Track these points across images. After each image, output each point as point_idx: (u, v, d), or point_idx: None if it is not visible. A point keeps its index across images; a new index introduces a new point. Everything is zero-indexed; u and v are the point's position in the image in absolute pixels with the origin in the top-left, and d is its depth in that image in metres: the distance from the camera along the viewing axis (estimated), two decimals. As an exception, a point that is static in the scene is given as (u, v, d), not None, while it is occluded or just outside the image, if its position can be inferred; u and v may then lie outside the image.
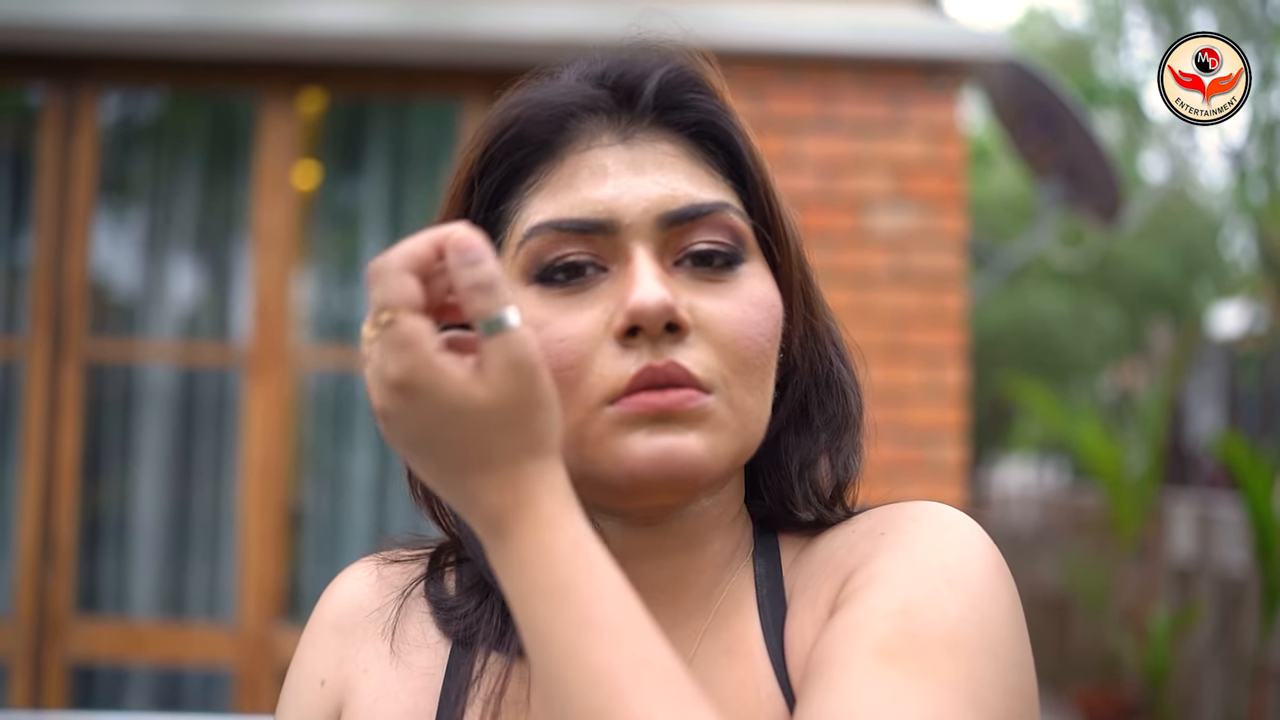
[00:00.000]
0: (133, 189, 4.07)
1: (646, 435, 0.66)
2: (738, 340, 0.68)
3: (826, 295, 0.97)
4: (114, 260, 4.06)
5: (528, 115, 0.71)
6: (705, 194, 0.70)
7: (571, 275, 0.69)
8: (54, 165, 3.77)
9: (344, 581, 0.82)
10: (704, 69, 0.74)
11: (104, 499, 3.84)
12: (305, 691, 0.78)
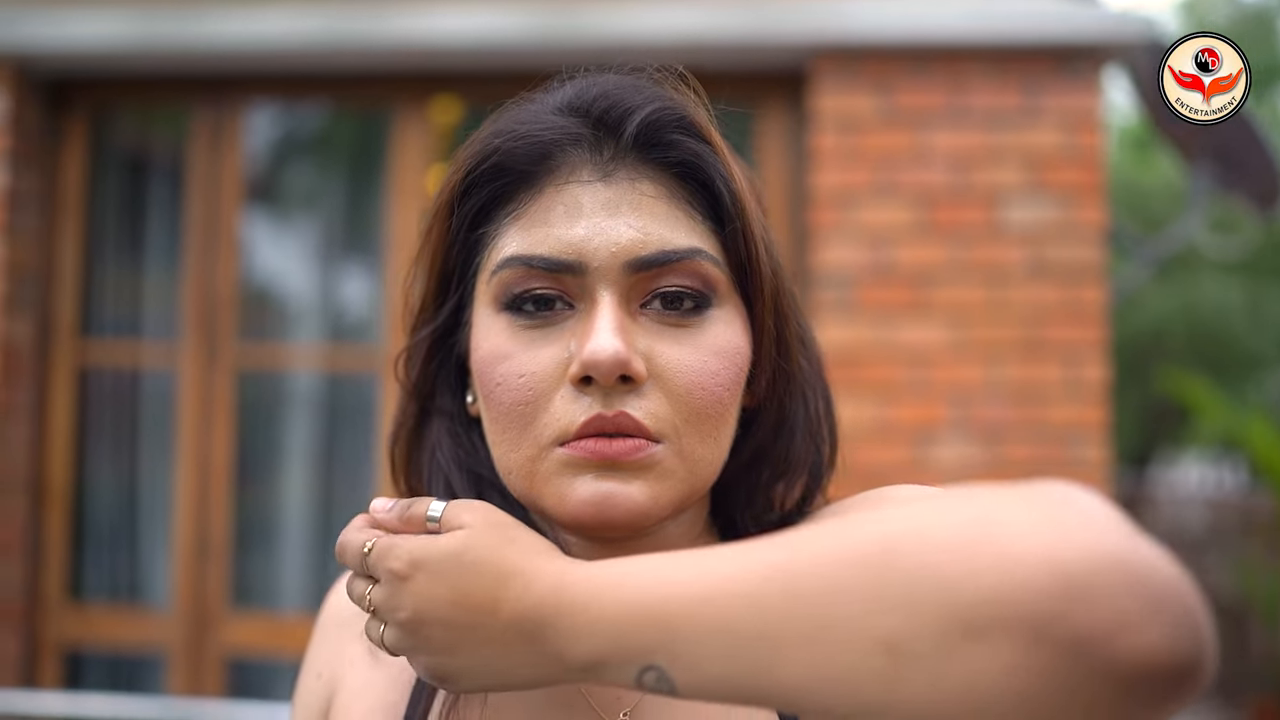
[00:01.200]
0: (278, 200, 4.36)
1: (591, 480, 0.68)
2: (693, 392, 0.70)
3: (959, 292, 1.04)
4: (262, 269, 4.35)
5: (508, 147, 0.72)
6: (679, 239, 0.71)
7: (539, 307, 0.71)
8: (204, 178, 4.08)
9: (342, 582, 0.85)
10: (692, 106, 0.74)
11: (255, 499, 4.13)
12: (308, 684, 0.84)
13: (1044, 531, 0.50)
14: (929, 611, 0.50)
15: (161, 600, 4.11)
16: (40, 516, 4.11)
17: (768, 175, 3.77)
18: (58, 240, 4.15)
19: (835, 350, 3.39)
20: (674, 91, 0.74)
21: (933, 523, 0.53)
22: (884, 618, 0.51)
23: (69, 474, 4.16)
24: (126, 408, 4.26)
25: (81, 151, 4.18)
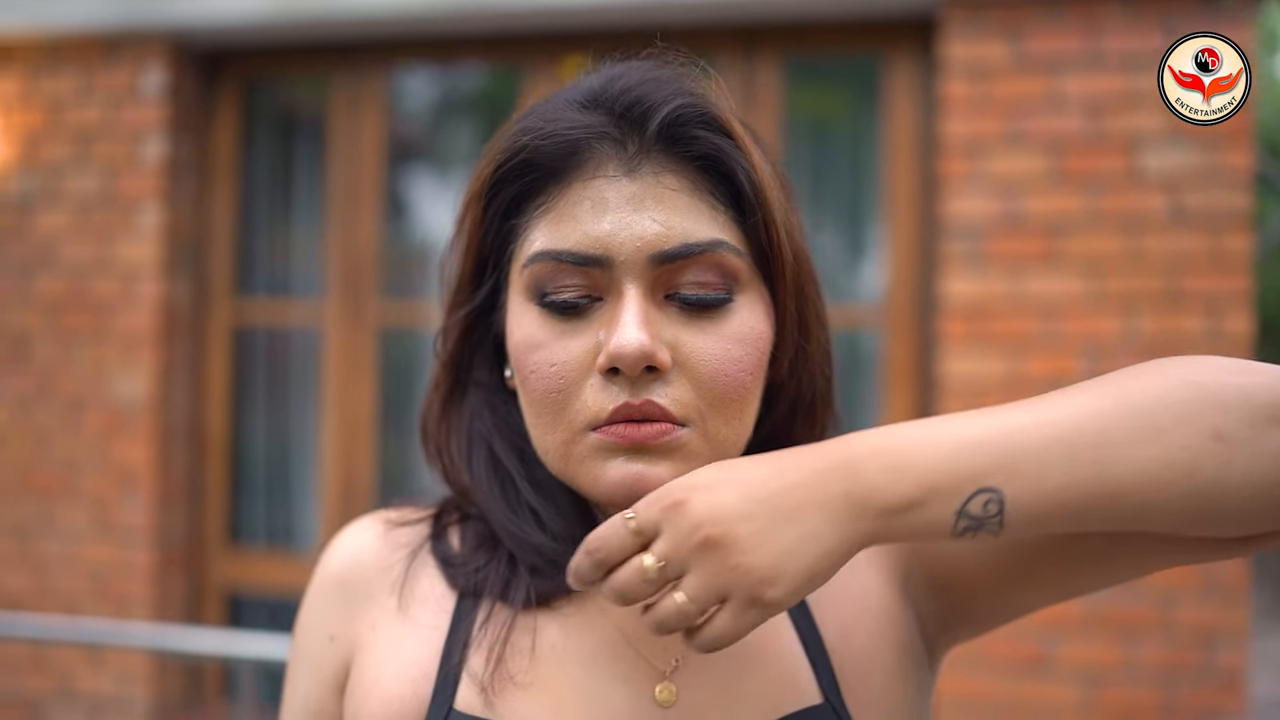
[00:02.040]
0: (417, 160, 4.58)
1: (622, 462, 0.74)
2: (716, 378, 0.74)
3: (1094, 242, 1.07)
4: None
5: (535, 144, 0.76)
6: (701, 231, 0.74)
7: (572, 297, 0.76)
8: (346, 141, 4.32)
9: (348, 539, 0.90)
10: (714, 100, 0.78)
11: (397, 450, 4.39)
12: (314, 647, 0.86)
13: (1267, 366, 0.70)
14: (1240, 409, 0.66)
15: (311, 545, 4.42)
16: (201, 466, 4.45)
17: (896, 125, 3.81)
18: (213, 206, 4.45)
19: (964, 303, 3.43)
20: (695, 85, 0.78)
21: (1199, 365, 0.70)
22: (1209, 416, 0.66)
23: (226, 426, 4.49)
24: (278, 363, 4.57)
25: (233, 120, 4.46)
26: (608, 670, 0.79)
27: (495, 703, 0.77)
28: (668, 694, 0.78)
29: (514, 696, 0.77)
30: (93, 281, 4.30)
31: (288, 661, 0.89)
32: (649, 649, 0.80)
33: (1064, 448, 0.66)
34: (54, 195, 4.34)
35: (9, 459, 4.38)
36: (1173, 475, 0.66)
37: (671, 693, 0.78)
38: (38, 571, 4.34)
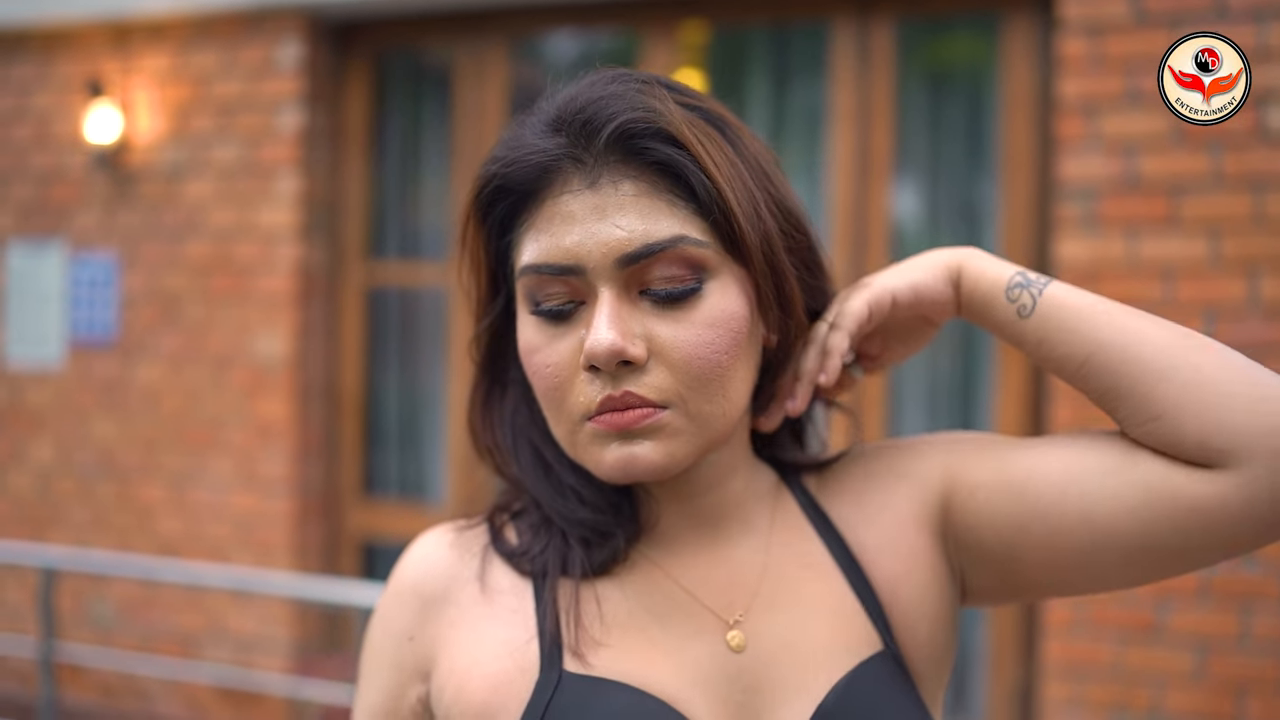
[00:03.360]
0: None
1: (616, 446, 0.82)
2: (691, 362, 0.81)
3: (1216, 203, 1.11)
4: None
5: (505, 172, 0.84)
6: (661, 230, 0.80)
7: (558, 303, 0.83)
8: (470, 108, 4.46)
9: (418, 551, 0.96)
10: (659, 108, 0.82)
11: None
12: (393, 647, 0.92)
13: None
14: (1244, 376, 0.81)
15: (438, 497, 4.60)
16: (337, 421, 4.67)
17: (1013, 84, 3.75)
18: (346, 172, 4.63)
19: (1078, 265, 3.39)
20: (642, 97, 0.82)
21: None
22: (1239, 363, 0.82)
23: (360, 383, 4.69)
24: (409, 322, 4.74)
25: (364, 90, 4.63)
26: (681, 626, 0.86)
27: (592, 665, 0.84)
28: (739, 640, 0.85)
29: (604, 656, 0.84)
30: (236, 246, 4.54)
31: (361, 666, 0.95)
32: (714, 602, 0.87)
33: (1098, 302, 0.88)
34: (200, 165, 4.57)
35: (164, 414, 4.67)
36: (1162, 351, 0.83)
37: (742, 640, 0.85)
38: (190, 518, 4.62)
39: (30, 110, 4.89)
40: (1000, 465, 0.89)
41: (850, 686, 0.83)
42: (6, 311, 4.98)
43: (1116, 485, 0.83)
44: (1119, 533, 0.83)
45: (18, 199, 4.94)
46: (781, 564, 0.90)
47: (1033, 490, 0.86)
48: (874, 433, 3.95)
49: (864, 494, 0.93)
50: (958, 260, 0.91)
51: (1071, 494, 0.84)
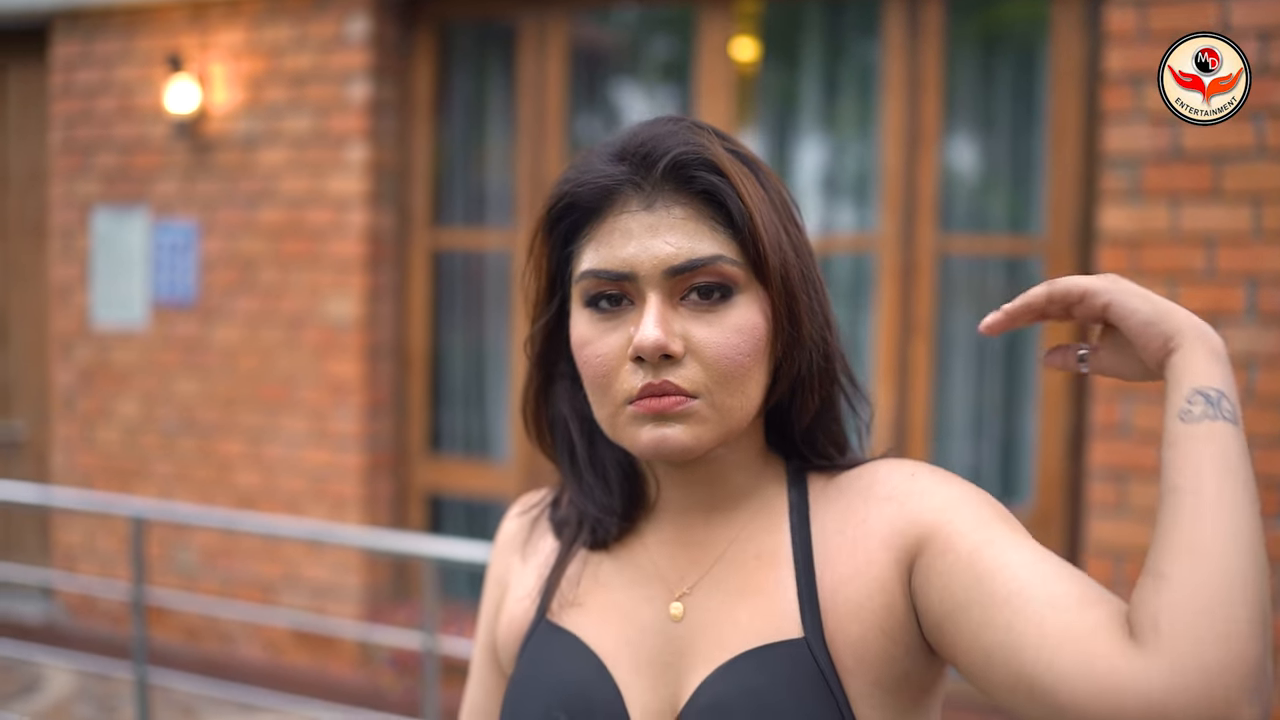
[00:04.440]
0: (597, 99, 4.76)
1: (651, 428, 0.94)
2: (719, 360, 0.93)
3: (1258, 173, 1.09)
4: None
5: (576, 191, 0.98)
6: (703, 248, 0.93)
7: (611, 304, 0.96)
8: (532, 80, 4.56)
9: (507, 516, 1.19)
10: (709, 146, 0.95)
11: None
12: (489, 591, 1.17)
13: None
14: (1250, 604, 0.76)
15: (503, 453, 4.74)
16: (405, 380, 4.83)
17: (1062, 56, 3.79)
18: (412, 141, 4.77)
19: (1122, 235, 3.43)
20: (695, 135, 0.96)
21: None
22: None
23: (427, 343, 4.85)
24: (473, 285, 4.87)
25: (430, 62, 4.76)
26: (641, 593, 1.02)
27: (564, 617, 1.04)
28: (679, 611, 1.00)
29: (573, 612, 1.04)
30: (308, 212, 4.69)
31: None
32: (672, 577, 1.02)
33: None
34: (273, 135, 4.73)
35: (240, 372, 4.85)
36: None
37: (680, 611, 0.99)
38: (266, 472, 4.82)
39: (114, 84, 5.07)
40: (981, 545, 0.88)
41: (738, 663, 0.94)
42: (93, 275, 5.19)
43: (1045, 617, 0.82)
44: None
45: (103, 168, 5.13)
46: (741, 552, 1.00)
47: (990, 583, 0.85)
48: (919, 403, 4.04)
49: (854, 505, 0.99)
50: (1193, 335, 0.86)
51: (1014, 603, 0.83)
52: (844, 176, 4.36)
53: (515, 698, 1.03)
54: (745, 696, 0.92)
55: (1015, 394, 4.10)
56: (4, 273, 5.86)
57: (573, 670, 1.00)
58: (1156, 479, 0.83)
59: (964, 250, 4.10)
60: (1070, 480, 3.90)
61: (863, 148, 4.28)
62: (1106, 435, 3.48)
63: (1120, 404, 3.45)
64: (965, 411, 4.15)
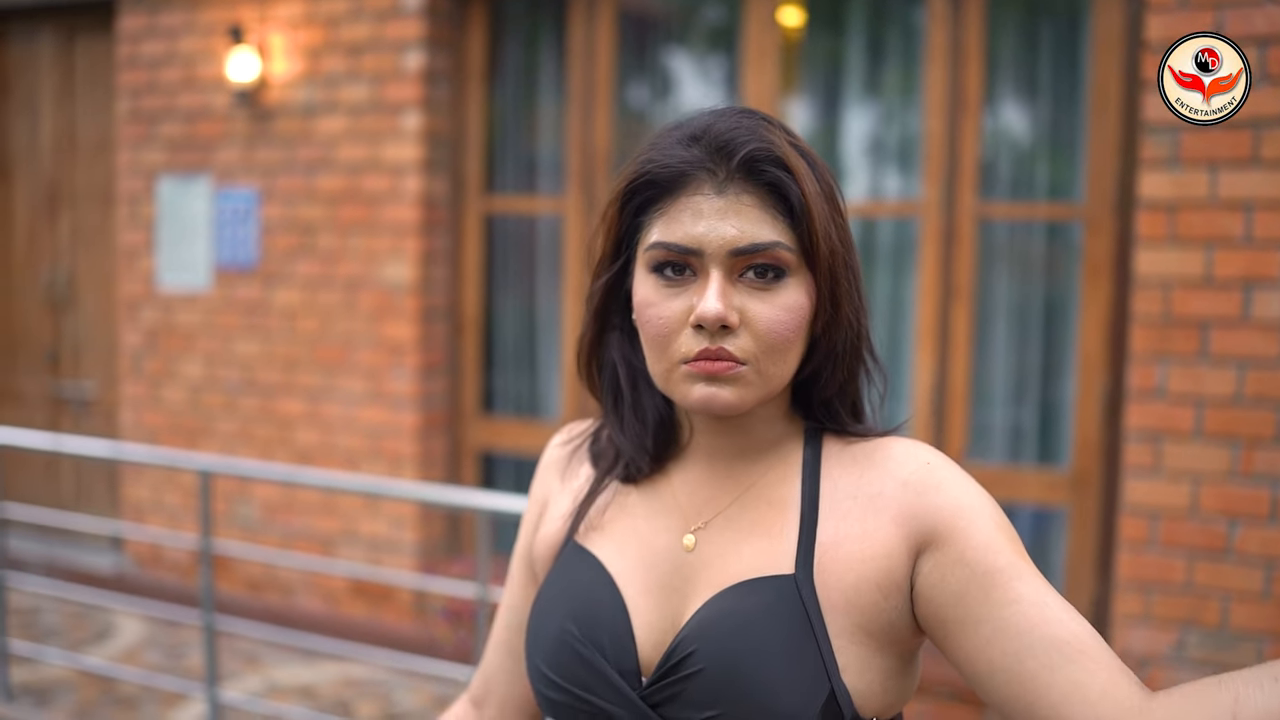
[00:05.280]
0: (646, 66, 4.82)
1: (703, 386, 1.04)
2: (769, 334, 1.03)
3: None
4: (627, 127, 4.87)
5: (657, 169, 1.06)
6: (764, 234, 1.03)
7: (676, 273, 1.05)
8: (581, 50, 4.63)
9: (553, 442, 1.30)
10: (779, 143, 1.04)
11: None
12: (530, 509, 1.28)
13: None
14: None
15: (553, 414, 4.86)
16: (458, 341, 4.96)
17: (1104, 24, 3.81)
18: (465, 110, 4.87)
19: (1161, 201, 3.46)
20: (768, 132, 1.05)
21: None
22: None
23: (479, 306, 4.97)
24: (524, 250, 4.98)
25: (483, 32, 4.84)
26: (660, 523, 1.13)
27: (589, 540, 1.16)
28: (690, 542, 1.11)
29: (597, 536, 1.16)
30: (364, 178, 4.81)
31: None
32: (690, 513, 1.13)
33: None
34: (331, 103, 4.85)
35: (300, 334, 5.00)
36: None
37: (693, 543, 1.10)
38: (325, 430, 4.97)
39: (178, 55, 5.21)
40: (993, 572, 0.98)
41: (733, 590, 1.05)
42: (159, 241, 5.35)
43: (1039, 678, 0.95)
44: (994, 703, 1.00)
45: (167, 136, 5.28)
46: (756, 497, 1.11)
47: (1003, 610, 0.96)
48: (960, 366, 4.10)
49: (868, 475, 1.08)
50: None
51: (1024, 640, 0.95)
52: (888, 142, 4.41)
53: (538, 610, 1.15)
54: (729, 618, 1.03)
55: (1054, 358, 4.15)
56: (74, 239, 6.05)
57: (588, 588, 1.11)
58: (1190, 440, 0.88)
59: (1004, 216, 4.14)
60: (1108, 442, 3.96)
61: (906, 114, 4.33)
62: (1142, 398, 3.54)
63: (1157, 367, 3.49)
64: (1005, 374, 4.21)
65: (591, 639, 1.07)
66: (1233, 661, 3.45)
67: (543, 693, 1.11)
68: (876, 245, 4.36)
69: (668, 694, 1.03)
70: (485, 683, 1.32)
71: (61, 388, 6.14)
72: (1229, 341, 3.42)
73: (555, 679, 1.08)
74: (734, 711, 1.00)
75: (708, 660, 1.01)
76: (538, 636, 1.12)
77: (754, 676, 1.00)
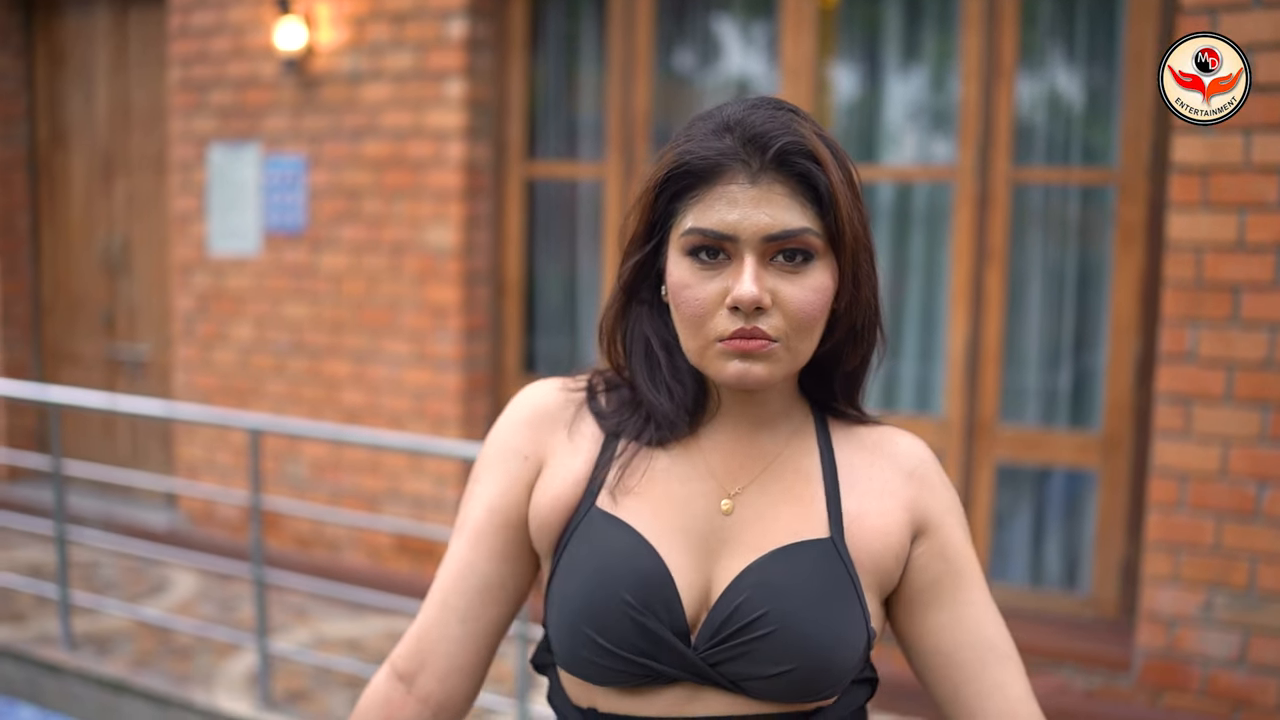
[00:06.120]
0: (686, 33, 4.86)
1: (737, 363, 1.10)
2: (799, 314, 1.09)
3: None
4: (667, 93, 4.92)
5: (693, 160, 1.11)
6: (795, 221, 1.09)
7: (710, 257, 1.11)
8: (622, 19, 4.68)
9: (536, 391, 1.27)
10: (809, 137, 1.10)
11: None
12: (509, 461, 1.23)
13: None
14: None
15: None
16: (500, 305, 5.05)
17: None
18: (508, 77, 4.94)
19: (1194, 165, 3.47)
20: (799, 125, 1.11)
21: None
22: None
23: (521, 270, 5.05)
24: (565, 214, 5.05)
25: (525, 1, 4.87)
26: (695, 488, 1.17)
27: (618, 504, 1.17)
28: (729, 506, 1.16)
29: (629, 500, 1.17)
30: (409, 145, 4.90)
31: (478, 468, 1.25)
32: (725, 479, 1.18)
33: None
34: (376, 71, 4.94)
35: (346, 297, 5.12)
36: None
37: (730, 506, 1.16)
38: (370, 391, 5.09)
39: (228, 24, 5.32)
40: (958, 572, 1.20)
41: (782, 552, 1.13)
42: (210, 207, 5.48)
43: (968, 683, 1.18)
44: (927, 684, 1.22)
45: (218, 104, 5.40)
46: (783, 466, 1.19)
47: (956, 608, 1.18)
48: (993, 329, 4.13)
49: (879, 462, 1.22)
50: None
51: (970, 640, 1.18)
52: (924, 108, 4.43)
53: (578, 578, 1.14)
54: (789, 579, 1.12)
55: (1087, 321, 4.18)
56: (129, 205, 6.20)
57: (631, 556, 1.13)
58: (1220, 404, 0.91)
59: (1039, 180, 4.16)
60: (1139, 406, 3.99)
61: (942, 80, 4.34)
62: (1173, 361, 3.56)
63: (1188, 331, 3.51)
64: (1038, 338, 4.24)
65: (648, 607, 1.10)
66: (1259, 622, 3.49)
67: (590, 659, 1.13)
68: (912, 209, 4.39)
69: (735, 653, 1.10)
70: (420, 654, 1.23)
71: (117, 350, 6.32)
72: (1260, 305, 3.44)
73: (610, 647, 1.11)
74: (805, 666, 1.09)
75: (780, 620, 1.09)
76: (588, 606, 1.12)
77: (822, 633, 1.10)
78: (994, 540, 4.31)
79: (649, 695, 1.13)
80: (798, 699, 1.11)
